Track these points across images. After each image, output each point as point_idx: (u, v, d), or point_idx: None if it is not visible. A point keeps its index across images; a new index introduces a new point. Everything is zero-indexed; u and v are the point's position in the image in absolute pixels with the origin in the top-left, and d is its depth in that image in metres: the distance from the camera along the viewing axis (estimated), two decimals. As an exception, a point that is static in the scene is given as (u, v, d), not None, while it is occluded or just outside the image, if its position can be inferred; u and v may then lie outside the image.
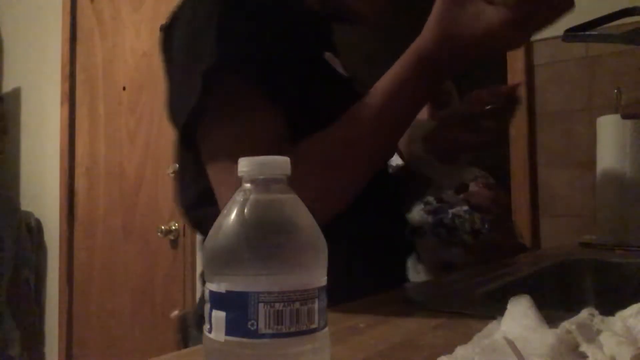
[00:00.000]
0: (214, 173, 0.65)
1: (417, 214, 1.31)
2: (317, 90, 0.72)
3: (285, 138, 0.66)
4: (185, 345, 0.81)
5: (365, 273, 0.78)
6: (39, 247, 2.68)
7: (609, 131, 1.13)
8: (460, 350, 0.38)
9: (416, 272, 1.30)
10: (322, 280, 0.37)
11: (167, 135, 2.21)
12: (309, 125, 0.66)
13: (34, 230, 2.66)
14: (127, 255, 2.45)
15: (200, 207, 0.73)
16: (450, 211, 1.23)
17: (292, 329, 0.35)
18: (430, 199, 1.28)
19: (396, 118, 0.66)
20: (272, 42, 0.66)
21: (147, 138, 2.43)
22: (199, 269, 2.09)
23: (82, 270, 2.60)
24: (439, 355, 0.38)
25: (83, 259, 2.59)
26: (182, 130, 0.67)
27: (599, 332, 0.38)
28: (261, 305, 0.34)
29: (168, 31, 0.73)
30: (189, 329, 0.84)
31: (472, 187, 1.23)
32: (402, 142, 1.02)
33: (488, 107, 0.91)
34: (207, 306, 0.37)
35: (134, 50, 2.50)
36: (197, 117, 0.64)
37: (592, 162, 1.20)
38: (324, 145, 0.65)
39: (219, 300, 0.36)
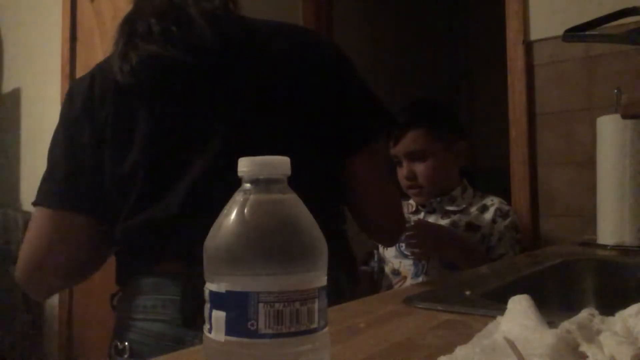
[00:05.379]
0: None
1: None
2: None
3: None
4: None
5: None
6: (39, 247, 2.67)
7: (609, 131, 1.13)
8: (460, 350, 0.38)
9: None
10: (322, 280, 0.37)
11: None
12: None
13: (34, 230, 2.65)
14: (127, 255, 2.44)
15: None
16: None
17: (292, 329, 0.35)
18: None
19: None
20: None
21: (147, 138, 2.43)
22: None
23: (82, 270, 2.59)
24: (439, 355, 0.38)
25: (83, 258, 2.59)
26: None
27: (599, 332, 0.38)
28: (261, 305, 0.34)
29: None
30: None
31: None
32: None
33: None
34: (207, 306, 0.37)
35: (134, 50, 2.49)
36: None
37: (592, 162, 1.20)
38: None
39: (219, 300, 0.36)
